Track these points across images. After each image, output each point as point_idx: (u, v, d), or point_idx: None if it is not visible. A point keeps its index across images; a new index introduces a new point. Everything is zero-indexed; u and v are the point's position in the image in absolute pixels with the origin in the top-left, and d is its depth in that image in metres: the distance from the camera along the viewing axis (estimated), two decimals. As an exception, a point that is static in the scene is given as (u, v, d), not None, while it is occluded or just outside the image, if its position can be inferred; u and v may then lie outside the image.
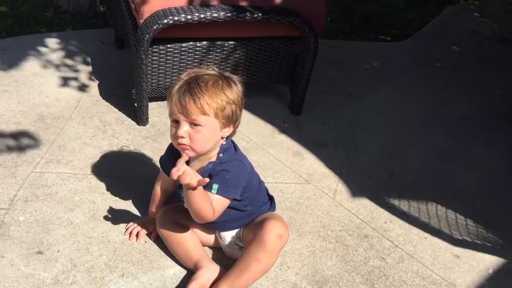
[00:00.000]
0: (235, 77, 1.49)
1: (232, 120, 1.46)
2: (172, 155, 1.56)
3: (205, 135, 1.42)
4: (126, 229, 1.71)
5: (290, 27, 2.21)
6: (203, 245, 1.65)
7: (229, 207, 1.50)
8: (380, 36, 3.55)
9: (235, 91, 1.44)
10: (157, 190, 1.71)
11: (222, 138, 1.48)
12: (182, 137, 1.41)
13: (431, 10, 3.99)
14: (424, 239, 1.81)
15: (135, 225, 1.72)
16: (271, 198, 1.71)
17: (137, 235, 1.69)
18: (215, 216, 1.46)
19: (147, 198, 1.76)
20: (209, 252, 1.68)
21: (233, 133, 1.52)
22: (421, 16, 3.87)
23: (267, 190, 1.71)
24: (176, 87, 1.42)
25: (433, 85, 2.86)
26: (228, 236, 1.62)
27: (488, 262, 1.74)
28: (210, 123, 1.41)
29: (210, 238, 1.67)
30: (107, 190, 1.88)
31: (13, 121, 2.18)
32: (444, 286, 1.64)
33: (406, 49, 3.30)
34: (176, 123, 1.44)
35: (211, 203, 1.42)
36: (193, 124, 1.41)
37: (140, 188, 1.87)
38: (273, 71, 2.38)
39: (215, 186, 1.43)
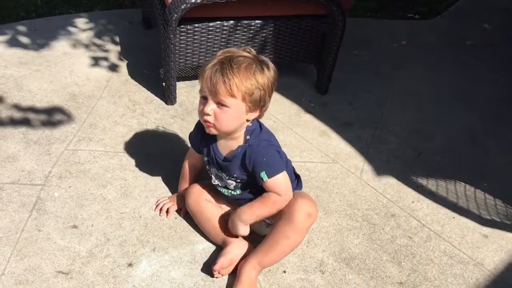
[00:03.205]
0: (270, 63, 1.48)
1: (259, 105, 1.47)
2: (200, 131, 1.59)
3: (230, 116, 1.44)
4: (157, 205, 1.76)
5: (317, 5, 2.19)
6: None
7: (256, 185, 1.52)
8: (408, 14, 3.48)
9: (266, 77, 1.44)
10: (186, 166, 1.75)
11: (247, 121, 1.50)
12: (208, 114, 1.44)
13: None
14: (452, 219, 1.81)
15: (165, 201, 1.76)
16: (297, 177, 1.73)
17: (167, 211, 1.73)
18: (288, 196, 1.50)
19: (176, 175, 1.80)
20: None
21: (259, 117, 1.53)
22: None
23: (294, 169, 1.73)
24: (210, 65, 1.44)
25: (462, 64, 2.81)
26: None
27: (517, 243, 1.74)
28: (236, 105, 1.43)
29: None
30: (137, 167, 1.92)
31: (46, 100, 2.24)
32: (471, 265, 1.64)
33: (435, 27, 3.23)
34: (204, 99, 1.46)
35: (268, 202, 1.49)
36: (220, 104, 1.43)
37: (169, 165, 1.91)
38: (300, 50, 2.37)
39: (262, 174, 1.46)
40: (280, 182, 1.48)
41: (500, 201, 1.89)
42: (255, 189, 1.55)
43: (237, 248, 1.57)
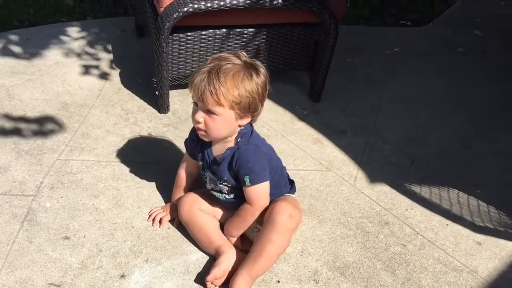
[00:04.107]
0: (260, 68, 1.48)
1: (249, 111, 1.47)
2: (195, 136, 1.60)
3: (219, 124, 1.45)
4: (149, 215, 1.75)
5: (309, 14, 2.20)
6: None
7: None
8: (400, 21, 3.50)
9: (255, 83, 1.44)
10: (181, 174, 1.75)
11: (240, 126, 1.51)
12: (199, 122, 1.47)
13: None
14: (446, 226, 1.81)
15: (158, 211, 1.75)
16: (291, 182, 1.74)
17: (160, 221, 1.72)
18: (261, 205, 1.54)
19: (169, 184, 1.79)
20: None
21: (253, 121, 1.54)
22: (443, 0, 3.80)
23: (288, 175, 1.73)
24: (199, 72, 1.44)
25: (455, 71, 2.82)
26: None
27: (510, 249, 1.73)
28: (225, 114, 1.44)
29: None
30: (130, 177, 1.91)
31: (38, 109, 2.22)
32: (465, 273, 1.64)
33: (427, 34, 3.24)
34: (196, 105, 1.48)
35: (248, 213, 1.55)
36: (210, 112, 1.44)
37: (162, 175, 1.90)
38: (293, 58, 2.37)
39: (246, 179, 1.49)
40: (259, 191, 1.52)
41: (493, 208, 1.90)
42: None
43: (230, 257, 1.56)
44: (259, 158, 1.51)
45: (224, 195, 1.62)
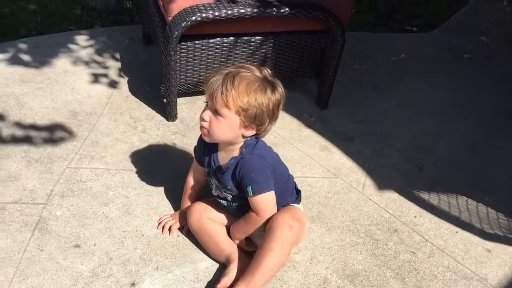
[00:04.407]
0: (279, 87, 1.48)
1: (254, 122, 1.47)
2: (203, 141, 1.60)
3: (222, 126, 1.46)
4: (159, 223, 1.76)
5: (316, 21, 2.21)
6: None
7: None
8: (406, 27, 3.51)
9: (267, 97, 1.45)
10: (189, 182, 1.76)
11: (244, 137, 1.51)
12: (204, 120, 1.48)
13: None
14: (455, 234, 1.81)
15: (168, 219, 1.76)
16: (298, 192, 1.73)
17: (169, 229, 1.73)
18: (266, 215, 1.54)
19: (178, 192, 1.80)
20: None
21: (258, 135, 1.54)
22: (448, 5, 3.81)
23: (295, 184, 1.74)
24: (217, 73, 1.47)
25: (461, 77, 2.83)
26: None
27: (520, 257, 1.73)
28: (230, 117, 1.45)
29: None
30: (139, 185, 1.92)
31: (47, 118, 2.24)
32: (475, 280, 1.64)
33: (433, 40, 3.25)
34: (207, 105, 1.50)
35: (252, 221, 1.56)
36: (216, 112, 1.45)
37: (171, 183, 1.91)
38: (300, 65, 2.38)
39: (249, 189, 1.49)
40: (263, 201, 1.52)
41: (502, 215, 1.89)
42: None
43: (240, 266, 1.57)
44: (262, 168, 1.52)
45: (228, 202, 1.63)
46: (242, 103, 1.43)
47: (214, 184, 1.63)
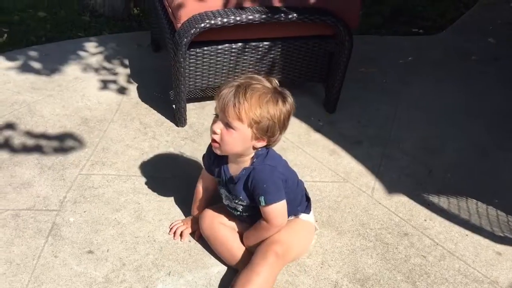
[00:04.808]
0: (288, 97, 1.49)
1: (266, 134, 1.48)
2: (212, 152, 1.60)
3: (234, 139, 1.46)
4: (170, 229, 1.77)
5: (324, 26, 2.23)
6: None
7: None
8: (412, 29, 3.51)
9: (279, 109, 1.46)
10: (199, 188, 1.77)
11: (255, 148, 1.52)
12: (216, 133, 1.48)
13: (465, 1, 3.92)
14: (465, 237, 1.81)
15: (179, 224, 1.78)
16: (308, 200, 1.74)
17: (181, 235, 1.75)
18: (278, 224, 1.55)
19: (189, 198, 1.82)
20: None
21: (268, 145, 1.54)
22: (455, 7, 3.81)
23: (306, 191, 1.74)
24: (228, 86, 1.47)
25: (469, 79, 2.82)
26: None
27: (531, 260, 1.73)
28: (242, 130, 1.45)
29: None
30: (150, 190, 1.94)
31: (58, 125, 2.27)
32: (486, 283, 1.64)
33: (440, 42, 3.25)
34: (217, 117, 1.50)
35: (264, 230, 1.57)
36: (228, 125, 1.46)
37: (182, 188, 1.93)
38: (308, 70, 2.40)
39: (261, 199, 1.51)
40: (275, 210, 1.53)
41: (512, 218, 1.90)
42: None
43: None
44: (274, 178, 1.52)
45: (239, 212, 1.64)
46: (255, 115, 1.43)
47: (224, 194, 1.65)
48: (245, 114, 1.43)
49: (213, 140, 1.50)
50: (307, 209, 1.71)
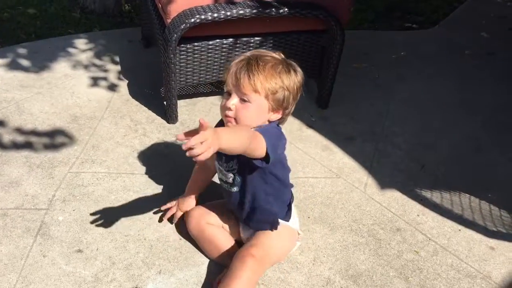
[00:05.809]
0: (298, 68, 1.48)
1: (282, 106, 1.45)
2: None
3: (251, 112, 1.42)
4: (160, 210, 1.77)
5: (315, 21, 2.20)
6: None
7: (255, 183, 1.50)
8: (406, 24, 3.49)
9: (292, 79, 1.44)
10: (197, 168, 1.76)
11: (269, 121, 1.47)
12: (230, 109, 1.42)
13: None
14: (458, 232, 1.80)
15: (171, 205, 1.77)
16: (289, 208, 1.65)
17: (172, 217, 1.75)
18: (260, 137, 1.35)
19: (180, 194, 1.79)
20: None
21: (282, 119, 1.51)
22: (448, 2, 3.79)
23: (292, 198, 1.68)
24: (236, 60, 1.44)
25: (463, 74, 2.81)
26: (246, 233, 1.65)
27: (524, 254, 1.73)
28: (259, 102, 1.42)
29: (235, 233, 1.69)
30: (141, 188, 1.92)
31: (48, 122, 2.24)
32: (479, 278, 1.63)
33: (434, 37, 3.24)
34: (228, 95, 1.45)
35: (250, 130, 1.35)
36: (243, 99, 1.42)
37: (172, 185, 1.91)
38: (300, 65, 2.34)
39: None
40: (259, 135, 1.34)
41: (505, 212, 1.89)
42: (253, 188, 1.52)
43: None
44: (271, 129, 1.46)
45: (229, 185, 1.56)
46: (271, 85, 1.40)
47: (218, 167, 1.60)
48: (260, 85, 1.39)
49: (227, 116, 1.43)
50: (287, 217, 1.63)
